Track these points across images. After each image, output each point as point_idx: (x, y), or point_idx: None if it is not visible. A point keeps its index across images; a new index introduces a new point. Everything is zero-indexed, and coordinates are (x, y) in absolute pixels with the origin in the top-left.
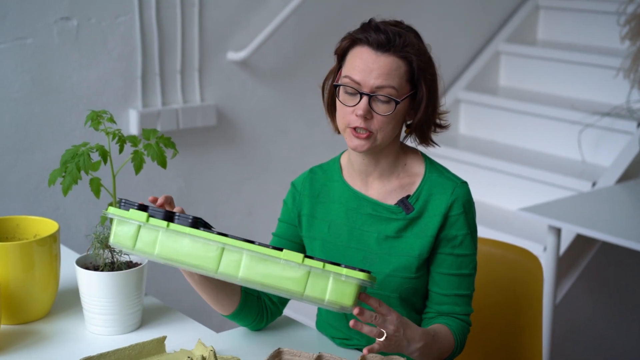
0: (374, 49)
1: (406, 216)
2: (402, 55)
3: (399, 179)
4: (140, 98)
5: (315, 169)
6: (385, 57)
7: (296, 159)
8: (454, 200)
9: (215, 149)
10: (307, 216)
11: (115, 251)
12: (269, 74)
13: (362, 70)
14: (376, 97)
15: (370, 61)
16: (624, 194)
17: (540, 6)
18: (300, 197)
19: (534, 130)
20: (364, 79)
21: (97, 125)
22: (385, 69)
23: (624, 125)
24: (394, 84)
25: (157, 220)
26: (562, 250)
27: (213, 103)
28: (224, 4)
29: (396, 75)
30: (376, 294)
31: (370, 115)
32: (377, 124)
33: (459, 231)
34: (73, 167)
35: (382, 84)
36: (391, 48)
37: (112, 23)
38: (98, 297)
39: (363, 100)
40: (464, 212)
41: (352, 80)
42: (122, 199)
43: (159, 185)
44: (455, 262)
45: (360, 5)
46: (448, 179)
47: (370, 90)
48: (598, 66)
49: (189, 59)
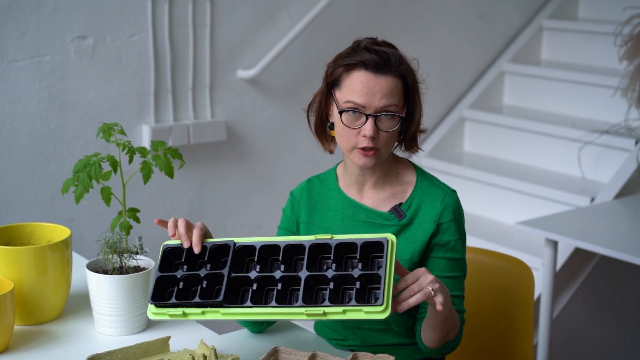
0: (372, 72)
1: (398, 222)
2: (398, 74)
3: (392, 188)
4: (152, 114)
5: (313, 179)
6: (385, 77)
7: (304, 174)
8: (444, 208)
9: (225, 163)
10: (304, 223)
11: (124, 256)
12: (278, 92)
13: (365, 93)
14: (381, 116)
15: (372, 84)
16: (622, 209)
17: (544, 27)
18: (299, 205)
19: (535, 148)
20: (368, 102)
21: (109, 136)
22: (387, 90)
23: (622, 143)
24: (395, 101)
25: (193, 311)
26: (560, 264)
27: (223, 119)
28: (235, 24)
29: (396, 93)
30: None
31: (377, 133)
32: (383, 140)
33: (451, 237)
34: (85, 176)
35: (387, 103)
36: (389, 68)
37: (127, 42)
38: (107, 300)
39: (369, 122)
40: (454, 219)
41: (356, 104)
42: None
43: (171, 198)
44: (449, 265)
45: (368, 25)
46: (438, 187)
47: (375, 111)
48: (597, 85)
49: (200, 77)
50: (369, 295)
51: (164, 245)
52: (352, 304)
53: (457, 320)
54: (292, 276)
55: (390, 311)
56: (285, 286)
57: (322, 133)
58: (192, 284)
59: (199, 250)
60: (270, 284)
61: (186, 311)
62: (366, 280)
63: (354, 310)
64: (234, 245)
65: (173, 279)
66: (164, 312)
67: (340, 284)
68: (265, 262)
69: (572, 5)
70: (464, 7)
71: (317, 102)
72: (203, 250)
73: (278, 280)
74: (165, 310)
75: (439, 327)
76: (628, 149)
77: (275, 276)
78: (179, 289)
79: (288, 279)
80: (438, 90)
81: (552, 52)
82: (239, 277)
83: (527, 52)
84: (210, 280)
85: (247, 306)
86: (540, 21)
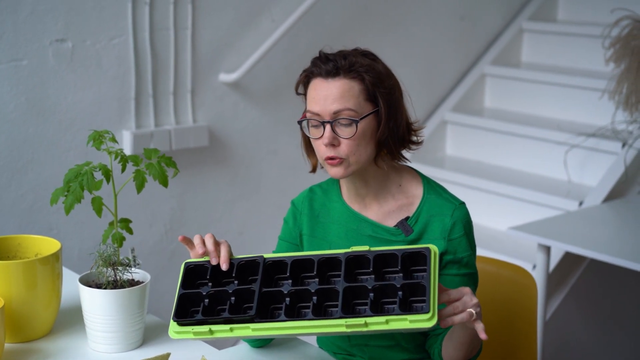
0: (324, 77)
1: (405, 238)
2: (352, 77)
3: (396, 200)
4: (133, 119)
5: (315, 189)
6: (335, 81)
7: (287, 179)
8: (454, 223)
9: (207, 169)
10: (307, 235)
11: (119, 269)
12: (261, 95)
13: (319, 100)
14: (337, 122)
15: (324, 89)
16: (611, 213)
17: (524, 29)
18: (301, 216)
19: (520, 151)
20: (322, 108)
21: (99, 144)
22: (337, 93)
23: (609, 146)
24: (350, 105)
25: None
26: (550, 268)
27: (205, 124)
28: (216, 27)
29: (351, 96)
30: None
31: (337, 141)
32: (346, 148)
33: (464, 252)
34: (76, 186)
35: (339, 107)
36: (339, 72)
37: (107, 45)
38: (101, 315)
39: (326, 129)
40: (465, 233)
41: (313, 113)
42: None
43: (152, 205)
44: (463, 281)
45: (350, 27)
46: (447, 200)
47: (329, 117)
48: (582, 88)
49: (182, 81)
50: (410, 307)
51: (186, 262)
52: (396, 312)
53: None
54: (328, 289)
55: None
56: (320, 301)
57: (307, 150)
58: (217, 303)
59: (227, 267)
60: (303, 301)
61: (213, 328)
62: (408, 292)
63: (398, 320)
64: (263, 261)
65: (197, 296)
66: (188, 330)
67: (380, 297)
68: (297, 279)
69: (551, 7)
70: (446, 9)
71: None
72: (230, 267)
73: (313, 293)
74: (189, 329)
75: (465, 346)
76: (615, 152)
77: (310, 289)
78: (205, 307)
79: (324, 292)
80: (420, 94)
81: (532, 54)
82: (271, 292)
83: (507, 54)
84: (238, 297)
85: (281, 320)
86: (521, 23)
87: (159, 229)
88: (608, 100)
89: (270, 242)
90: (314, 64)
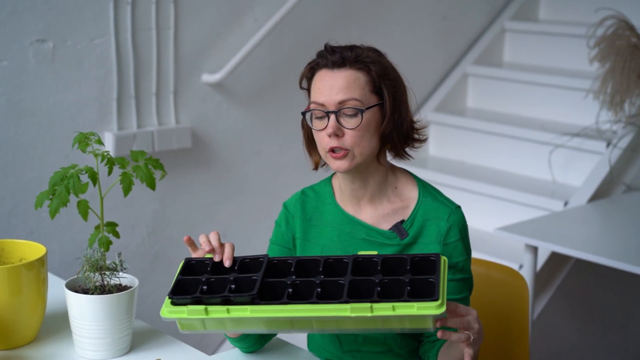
0: (329, 68)
1: (400, 242)
2: (358, 67)
3: (391, 203)
4: (115, 120)
5: (307, 191)
6: (342, 71)
7: (270, 180)
8: (450, 227)
9: (190, 171)
10: (300, 239)
11: (106, 274)
12: (244, 96)
13: (324, 90)
14: (342, 112)
15: (329, 79)
16: (596, 212)
17: (506, 29)
18: (293, 219)
19: (503, 151)
20: (327, 98)
21: (85, 147)
22: (343, 83)
23: (593, 146)
24: (356, 95)
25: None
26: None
27: (188, 125)
28: (199, 27)
29: (357, 87)
30: None
31: (342, 132)
32: (350, 139)
33: (459, 257)
34: (62, 189)
35: (344, 97)
36: (346, 62)
37: (88, 45)
38: (88, 321)
39: (331, 119)
40: (460, 238)
41: (317, 104)
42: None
43: (134, 208)
44: (457, 287)
45: (333, 27)
46: (442, 203)
47: (334, 107)
48: (566, 88)
49: (164, 81)
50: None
51: (186, 258)
52: (404, 299)
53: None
54: (333, 281)
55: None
56: (324, 292)
57: (310, 147)
58: (216, 289)
59: (230, 264)
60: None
61: (209, 308)
62: (417, 288)
63: (404, 307)
64: (267, 259)
65: (196, 282)
66: (182, 310)
67: (388, 292)
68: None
69: (533, 7)
70: (428, 8)
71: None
72: (232, 265)
73: (317, 285)
74: (183, 309)
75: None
76: (599, 152)
77: (314, 281)
78: (202, 290)
79: (329, 284)
80: None
81: (514, 53)
82: (273, 282)
83: (490, 54)
84: (238, 284)
85: (283, 302)
86: (503, 22)
87: (141, 231)
88: (592, 100)
89: (254, 245)
90: (319, 56)
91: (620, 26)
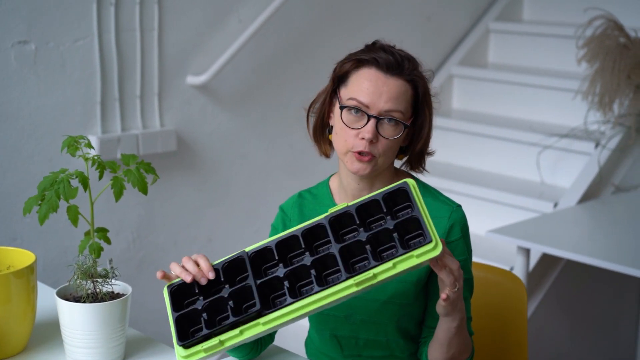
0: (383, 71)
1: None
2: (410, 79)
3: None
4: (99, 124)
5: (304, 194)
6: (395, 79)
7: (257, 184)
8: (452, 225)
9: (175, 174)
10: None
11: (98, 281)
12: (229, 98)
13: (372, 92)
14: (384, 120)
15: (380, 83)
16: (586, 214)
17: (491, 30)
18: (291, 223)
19: (491, 153)
20: (373, 102)
21: (75, 150)
22: (395, 93)
23: (581, 147)
24: (402, 108)
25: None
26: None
27: (173, 128)
28: (184, 28)
29: (404, 100)
30: (372, 323)
31: (377, 138)
32: (382, 147)
33: (460, 256)
34: (52, 194)
35: (391, 107)
36: (401, 71)
37: (71, 47)
38: (81, 330)
39: (370, 123)
40: (462, 236)
41: (359, 103)
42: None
43: (119, 213)
44: None
45: (317, 28)
46: (443, 202)
47: (378, 113)
48: (552, 88)
49: (149, 84)
50: (410, 245)
51: (167, 286)
52: (400, 253)
53: (468, 342)
54: (323, 257)
55: None
56: (319, 271)
57: (320, 136)
58: (217, 313)
59: (214, 275)
60: (302, 278)
61: (222, 338)
62: (403, 231)
63: (404, 260)
64: (247, 255)
65: (194, 313)
66: (198, 349)
67: (377, 246)
68: (286, 261)
69: (516, 7)
70: (412, 9)
71: (319, 101)
72: (216, 274)
73: (310, 267)
74: (198, 348)
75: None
76: (588, 153)
77: (306, 264)
78: (205, 320)
79: (320, 261)
80: None
81: (499, 54)
82: (267, 281)
83: (474, 55)
84: (236, 298)
85: (289, 303)
86: (487, 23)
87: (126, 236)
88: (580, 101)
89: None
90: (370, 51)
91: (610, 26)
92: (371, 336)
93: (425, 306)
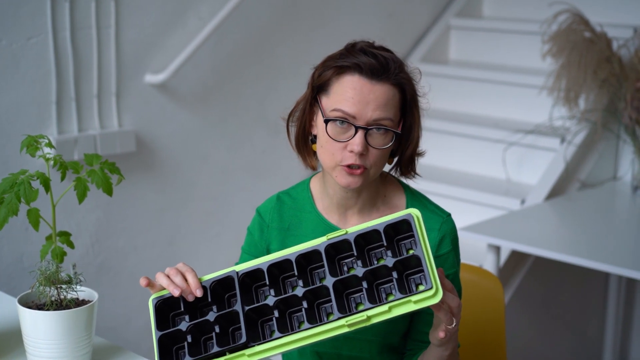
0: (368, 77)
1: None
2: (396, 83)
3: (379, 212)
4: (55, 124)
5: (283, 197)
6: (381, 85)
7: (218, 185)
8: (442, 238)
9: (135, 176)
10: (277, 250)
11: (62, 288)
12: (189, 98)
13: (358, 102)
14: (372, 130)
15: (366, 91)
16: (554, 210)
17: (452, 26)
18: (269, 229)
19: (455, 150)
20: (360, 112)
21: (35, 151)
22: (382, 100)
23: (547, 143)
24: (391, 115)
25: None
26: None
27: (132, 128)
28: (141, 25)
29: (392, 105)
30: (357, 339)
31: (367, 150)
32: (372, 158)
33: (450, 269)
34: (12, 197)
35: (380, 116)
36: (387, 75)
37: (24, 45)
38: (44, 339)
39: (359, 135)
40: (453, 249)
41: (345, 114)
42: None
43: (77, 216)
44: None
45: (279, 24)
46: (433, 212)
47: (366, 123)
48: (515, 85)
49: (106, 83)
50: (409, 285)
51: (153, 299)
52: (398, 297)
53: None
54: (316, 289)
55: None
56: (311, 303)
57: (303, 147)
58: (201, 334)
59: (201, 293)
60: (293, 305)
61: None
62: (402, 267)
63: (401, 304)
64: (237, 276)
65: (178, 334)
66: None
67: (374, 280)
68: (277, 284)
69: (476, 3)
70: (374, 5)
71: (299, 110)
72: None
73: (302, 298)
74: None
75: None
76: (553, 149)
77: (297, 294)
78: (190, 344)
79: (313, 293)
80: None
81: (460, 51)
82: (256, 308)
83: (435, 52)
84: (222, 323)
85: (277, 337)
86: (448, 19)
87: (84, 241)
88: (545, 97)
89: (203, 252)
90: (351, 55)
91: (575, 20)
92: (354, 353)
93: (411, 319)
